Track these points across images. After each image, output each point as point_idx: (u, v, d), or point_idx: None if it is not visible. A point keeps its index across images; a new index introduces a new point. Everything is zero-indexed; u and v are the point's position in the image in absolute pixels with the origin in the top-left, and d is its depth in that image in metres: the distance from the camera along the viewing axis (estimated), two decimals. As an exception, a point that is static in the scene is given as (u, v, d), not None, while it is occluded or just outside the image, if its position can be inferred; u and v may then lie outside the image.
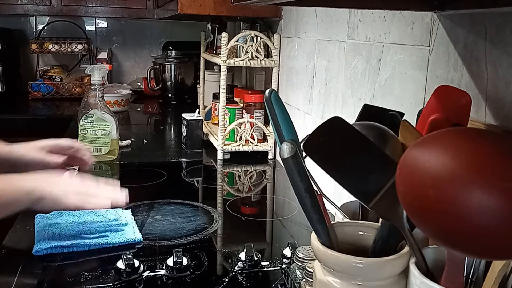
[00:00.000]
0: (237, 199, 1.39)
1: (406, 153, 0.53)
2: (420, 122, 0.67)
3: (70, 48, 2.71)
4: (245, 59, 1.65)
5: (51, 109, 2.52)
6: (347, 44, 1.20)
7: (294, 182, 0.59)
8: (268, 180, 1.59)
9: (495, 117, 0.71)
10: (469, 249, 0.49)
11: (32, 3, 2.53)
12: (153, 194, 1.33)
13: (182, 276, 0.90)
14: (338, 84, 1.25)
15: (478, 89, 0.74)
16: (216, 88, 2.00)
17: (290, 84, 1.66)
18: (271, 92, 0.62)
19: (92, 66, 1.60)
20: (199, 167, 1.67)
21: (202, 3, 1.61)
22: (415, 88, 0.92)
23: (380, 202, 0.60)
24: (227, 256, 1.00)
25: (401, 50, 0.96)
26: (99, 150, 1.62)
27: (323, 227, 0.62)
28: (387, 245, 0.62)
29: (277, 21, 1.77)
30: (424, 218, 0.50)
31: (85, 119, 1.60)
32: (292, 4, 1.01)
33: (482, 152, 0.48)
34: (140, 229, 1.07)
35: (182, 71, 2.80)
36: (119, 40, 3.03)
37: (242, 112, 1.77)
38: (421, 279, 0.55)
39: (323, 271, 0.63)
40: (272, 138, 1.73)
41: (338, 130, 0.62)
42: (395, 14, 0.98)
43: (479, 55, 0.74)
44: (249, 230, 1.18)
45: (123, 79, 3.03)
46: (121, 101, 2.48)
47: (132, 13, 2.66)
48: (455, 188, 0.46)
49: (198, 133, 1.79)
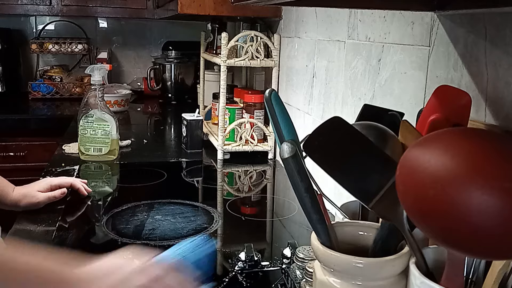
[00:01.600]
0: (237, 199, 1.39)
1: (406, 153, 0.53)
2: (420, 122, 0.67)
3: (70, 48, 2.71)
4: (245, 59, 1.65)
5: (51, 109, 2.52)
6: (347, 44, 1.20)
7: (294, 182, 0.59)
8: (268, 180, 1.59)
9: (495, 117, 0.71)
10: (469, 249, 0.49)
11: (32, 3, 2.52)
12: (153, 194, 1.33)
13: (182, 276, 0.89)
14: (338, 84, 1.25)
15: (478, 89, 0.74)
16: (216, 88, 2.00)
17: (290, 84, 1.66)
18: (271, 92, 0.62)
19: (92, 66, 1.60)
20: (199, 167, 1.67)
21: (202, 3, 1.61)
22: (415, 88, 0.92)
23: (380, 202, 0.60)
24: (227, 256, 1.00)
25: (401, 50, 0.96)
26: (99, 150, 1.62)
27: (323, 227, 0.62)
28: (387, 245, 0.62)
29: (277, 21, 1.77)
30: (424, 218, 0.50)
31: (85, 119, 1.60)
32: (292, 4, 1.01)
33: (482, 152, 0.48)
34: (140, 229, 1.07)
35: (182, 71, 2.80)
36: (119, 40, 3.03)
37: (242, 112, 1.77)
38: (421, 279, 0.55)
39: (323, 271, 0.63)
40: (272, 138, 1.73)
41: (338, 130, 0.62)
42: (395, 14, 0.98)
43: (479, 55, 0.74)
44: (249, 230, 1.18)
45: (123, 79, 3.03)
46: (121, 101, 2.48)
47: (132, 13, 2.65)
48: (455, 188, 0.46)
49: (198, 133, 1.79)
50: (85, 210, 1.31)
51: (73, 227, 1.16)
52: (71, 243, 1.12)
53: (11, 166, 2.21)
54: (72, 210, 1.24)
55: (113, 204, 1.27)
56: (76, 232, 1.14)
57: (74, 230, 1.14)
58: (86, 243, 1.11)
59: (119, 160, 1.66)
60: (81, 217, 1.27)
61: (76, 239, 1.16)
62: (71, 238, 1.13)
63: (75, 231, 1.14)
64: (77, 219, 1.24)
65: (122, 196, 1.39)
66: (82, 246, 1.11)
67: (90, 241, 1.11)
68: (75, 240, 1.13)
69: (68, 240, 1.10)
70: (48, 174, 1.45)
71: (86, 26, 2.94)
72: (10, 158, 2.23)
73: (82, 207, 1.28)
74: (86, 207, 1.29)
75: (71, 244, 1.07)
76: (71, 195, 1.29)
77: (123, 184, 1.53)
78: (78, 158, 1.62)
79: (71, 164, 1.57)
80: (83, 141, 1.61)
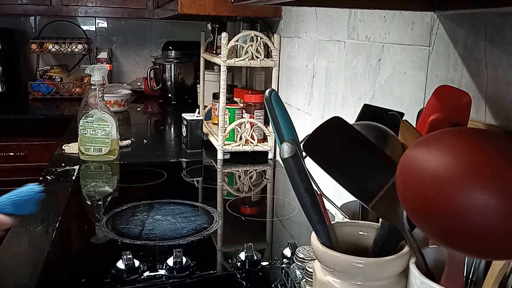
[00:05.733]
0: (237, 199, 1.39)
1: (406, 153, 0.53)
2: (420, 122, 0.67)
3: (70, 48, 2.71)
4: (245, 59, 1.65)
5: (51, 109, 2.52)
6: (347, 44, 1.20)
7: (294, 182, 0.59)
8: (268, 180, 1.59)
9: (495, 117, 0.71)
10: (469, 249, 0.49)
11: (32, 3, 2.52)
12: (153, 194, 1.33)
13: (182, 276, 0.90)
14: (338, 84, 1.25)
15: (478, 89, 0.74)
16: (216, 88, 2.00)
17: (290, 84, 1.66)
18: (271, 92, 0.62)
19: (92, 66, 1.60)
20: (199, 167, 1.67)
21: (202, 3, 1.61)
22: (415, 88, 0.92)
23: (380, 202, 0.60)
24: (227, 256, 1.00)
25: (401, 50, 0.96)
26: (99, 150, 1.62)
27: (323, 227, 0.62)
28: (387, 245, 0.62)
29: (277, 21, 1.77)
30: (424, 218, 0.50)
31: (85, 119, 1.60)
32: (292, 4, 1.01)
33: (482, 152, 0.48)
34: (140, 229, 1.07)
35: (182, 71, 2.80)
36: (119, 40, 3.03)
37: (242, 112, 1.77)
38: (421, 279, 0.55)
39: (323, 271, 0.62)
40: (272, 138, 1.73)
41: (338, 130, 0.62)
42: (395, 14, 0.98)
43: (479, 55, 0.74)
44: (249, 230, 1.18)
45: (123, 79, 3.03)
46: (121, 101, 2.48)
47: (132, 13, 2.66)
48: (455, 188, 0.46)
49: (198, 133, 1.79)
50: (85, 210, 1.31)
51: (73, 227, 1.16)
52: (71, 243, 1.12)
53: (11, 166, 2.21)
54: (72, 210, 1.24)
55: (113, 204, 1.26)
56: (76, 232, 1.14)
57: (74, 230, 1.14)
58: (86, 243, 1.11)
59: (119, 160, 1.66)
60: (81, 217, 1.27)
61: (76, 239, 1.16)
62: (71, 238, 1.13)
63: (75, 231, 1.14)
64: (77, 219, 1.24)
65: (122, 196, 1.39)
66: (82, 246, 1.11)
67: (90, 241, 1.11)
68: (75, 240, 1.14)
69: (68, 240, 1.10)
70: (48, 174, 1.45)
71: (86, 26, 2.94)
72: (10, 158, 2.23)
73: (82, 207, 1.28)
74: (86, 207, 1.29)
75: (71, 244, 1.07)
76: (71, 195, 1.29)
77: (123, 184, 1.53)
78: (78, 158, 1.62)
79: (71, 164, 1.57)
80: (83, 141, 1.61)
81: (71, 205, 1.25)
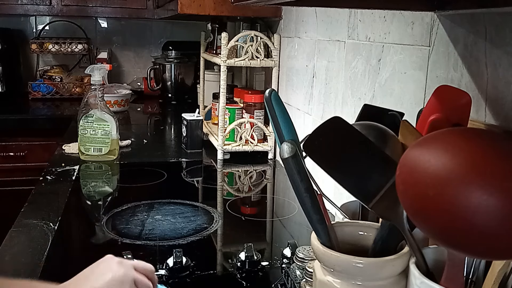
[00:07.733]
0: (237, 199, 1.39)
1: (406, 153, 0.53)
2: (420, 122, 0.67)
3: (70, 48, 2.71)
4: (245, 59, 1.65)
5: (51, 109, 2.52)
6: (347, 44, 1.20)
7: (294, 182, 0.59)
8: (268, 180, 1.59)
9: (495, 117, 0.71)
10: (469, 249, 0.49)
11: (32, 3, 2.52)
12: (153, 194, 1.33)
13: (182, 276, 0.90)
14: (338, 84, 1.25)
15: (478, 89, 0.74)
16: (216, 88, 2.00)
17: (290, 84, 1.66)
18: (271, 92, 0.62)
19: (92, 66, 1.60)
20: (199, 167, 1.67)
21: (202, 3, 1.61)
22: (415, 88, 0.92)
23: (380, 202, 0.60)
24: (227, 256, 1.00)
25: (401, 50, 0.96)
26: (99, 150, 1.62)
27: (323, 227, 0.62)
28: (387, 245, 0.62)
29: (277, 21, 1.77)
30: (424, 218, 0.50)
31: (85, 119, 1.60)
32: (292, 4, 1.01)
33: (482, 152, 0.48)
34: (140, 229, 1.07)
35: (182, 71, 2.80)
36: (119, 40, 3.03)
37: (242, 112, 1.77)
38: (421, 279, 0.55)
39: (323, 271, 0.62)
40: (272, 138, 1.73)
41: (338, 130, 0.62)
42: (395, 14, 0.98)
43: (479, 55, 0.74)
44: (249, 230, 1.18)
45: (123, 79, 3.03)
46: (121, 101, 2.48)
47: (132, 13, 2.66)
48: (455, 188, 0.46)
49: (198, 133, 1.79)
50: (85, 210, 1.31)
51: (73, 227, 1.16)
52: (71, 243, 1.12)
53: (11, 166, 2.21)
54: (72, 210, 1.24)
55: (113, 204, 1.26)
56: (76, 232, 1.14)
57: (74, 230, 1.14)
58: (86, 243, 1.11)
59: (119, 160, 1.66)
60: (81, 217, 1.27)
61: (76, 239, 1.16)
62: (71, 238, 1.13)
63: (75, 231, 1.14)
64: (77, 219, 1.24)
65: (122, 196, 1.39)
66: (82, 246, 1.11)
67: (90, 241, 1.11)
68: (75, 240, 1.14)
69: (68, 240, 1.10)
70: (48, 174, 1.45)
71: (86, 26, 2.94)
72: (10, 158, 2.23)
73: (82, 207, 1.28)
74: (86, 207, 1.29)
75: (71, 244, 1.07)
76: (71, 195, 1.29)
77: (123, 184, 1.53)
78: (78, 158, 1.62)
79: (71, 164, 1.57)
80: (83, 141, 1.61)
81: (71, 205, 1.25)
